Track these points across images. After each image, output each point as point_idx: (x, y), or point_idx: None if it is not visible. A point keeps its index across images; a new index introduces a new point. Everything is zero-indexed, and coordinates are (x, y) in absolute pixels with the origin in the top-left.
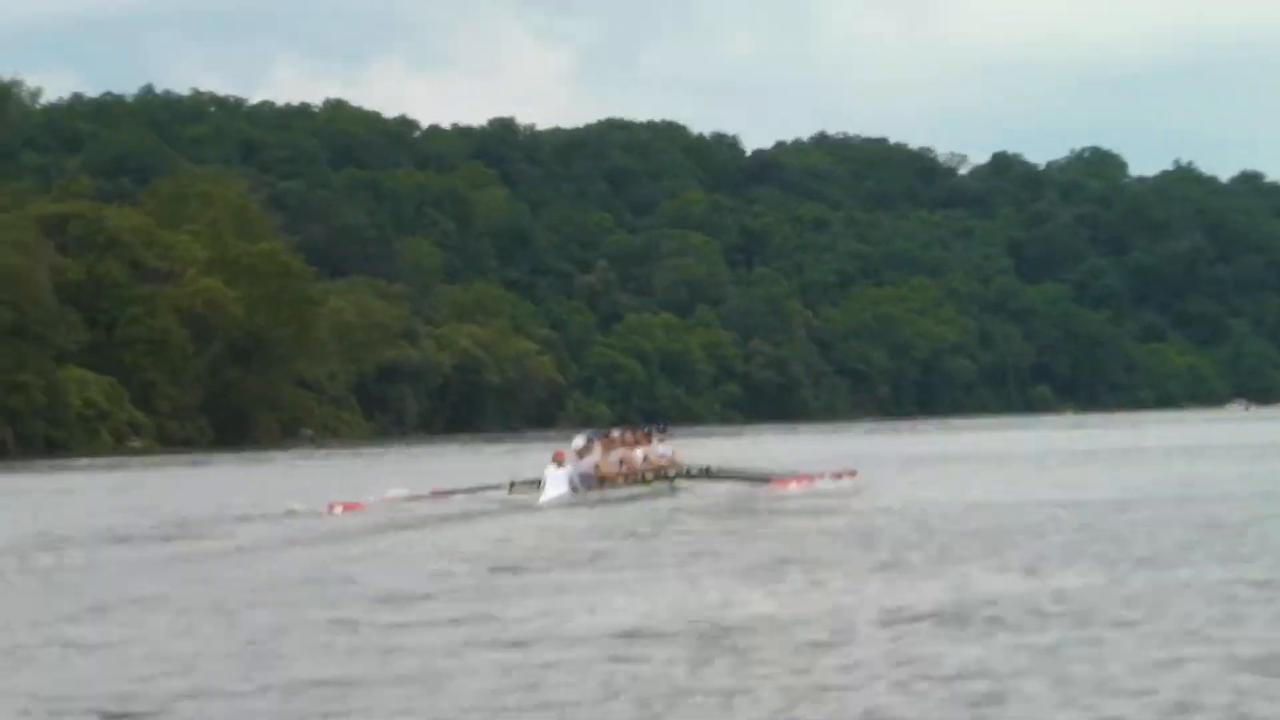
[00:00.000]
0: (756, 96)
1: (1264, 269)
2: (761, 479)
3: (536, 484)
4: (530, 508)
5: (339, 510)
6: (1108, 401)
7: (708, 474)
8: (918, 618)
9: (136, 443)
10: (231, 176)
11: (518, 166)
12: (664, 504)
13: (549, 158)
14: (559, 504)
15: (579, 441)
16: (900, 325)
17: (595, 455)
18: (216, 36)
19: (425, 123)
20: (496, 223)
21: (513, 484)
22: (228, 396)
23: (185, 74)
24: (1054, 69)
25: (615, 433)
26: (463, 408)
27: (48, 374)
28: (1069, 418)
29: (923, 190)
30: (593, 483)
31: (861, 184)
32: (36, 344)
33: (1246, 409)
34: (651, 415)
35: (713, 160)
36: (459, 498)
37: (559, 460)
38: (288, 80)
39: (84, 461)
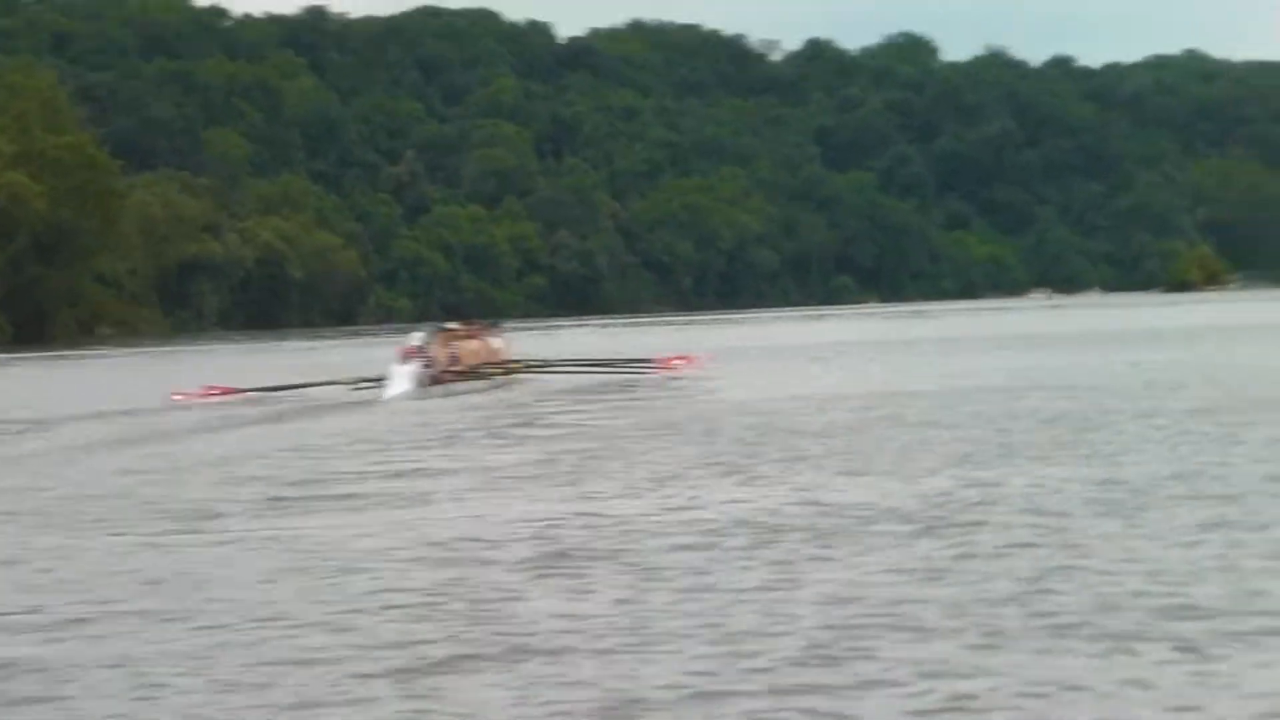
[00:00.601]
0: None
1: (1072, 153)
2: (602, 367)
3: (378, 380)
4: (375, 403)
5: (178, 399)
6: (910, 291)
7: (546, 366)
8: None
9: None
10: (41, 68)
11: (329, 55)
12: (507, 395)
13: (361, 46)
14: (405, 398)
15: (417, 337)
16: (707, 215)
17: (435, 350)
18: None
19: (237, 11)
20: (305, 113)
21: (356, 382)
22: (29, 292)
23: None
24: None
25: (451, 326)
26: (264, 303)
27: None
28: (871, 307)
29: (735, 77)
30: (435, 378)
31: (674, 71)
32: None
33: (1049, 298)
34: (453, 308)
35: (526, 47)
36: (309, 391)
37: (405, 356)
38: None
39: None
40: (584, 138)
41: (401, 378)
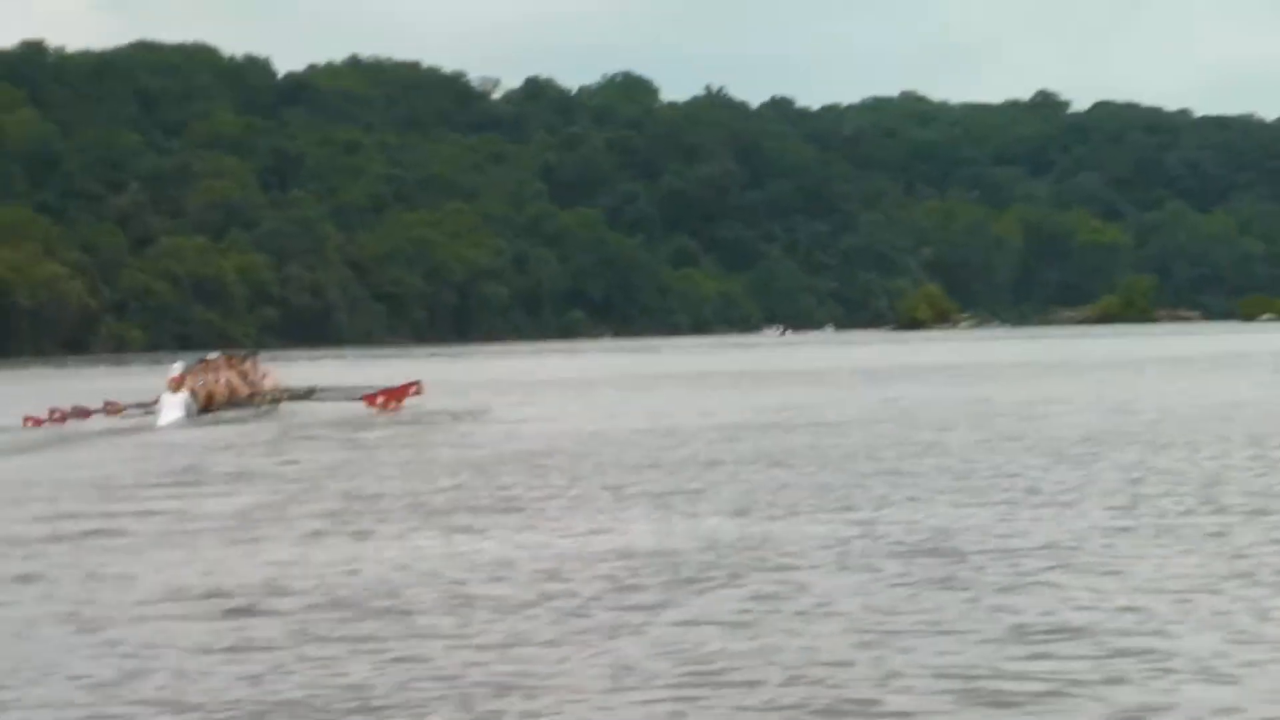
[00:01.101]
0: (288, 17)
1: (794, 194)
2: (357, 397)
3: (146, 407)
4: (149, 429)
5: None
6: (642, 326)
7: (310, 394)
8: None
9: None
10: None
11: (48, 89)
12: (271, 427)
13: (80, 79)
14: (177, 426)
15: (177, 368)
16: (435, 249)
17: (199, 379)
18: None
19: None
20: (27, 145)
21: (125, 407)
22: None
23: None
24: None
25: (212, 356)
26: None
27: None
28: (606, 342)
29: (456, 114)
30: (198, 407)
31: (394, 108)
32: None
33: (782, 334)
34: (185, 339)
35: (245, 82)
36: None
37: (173, 385)
38: None
39: None
40: (308, 171)
41: (173, 406)
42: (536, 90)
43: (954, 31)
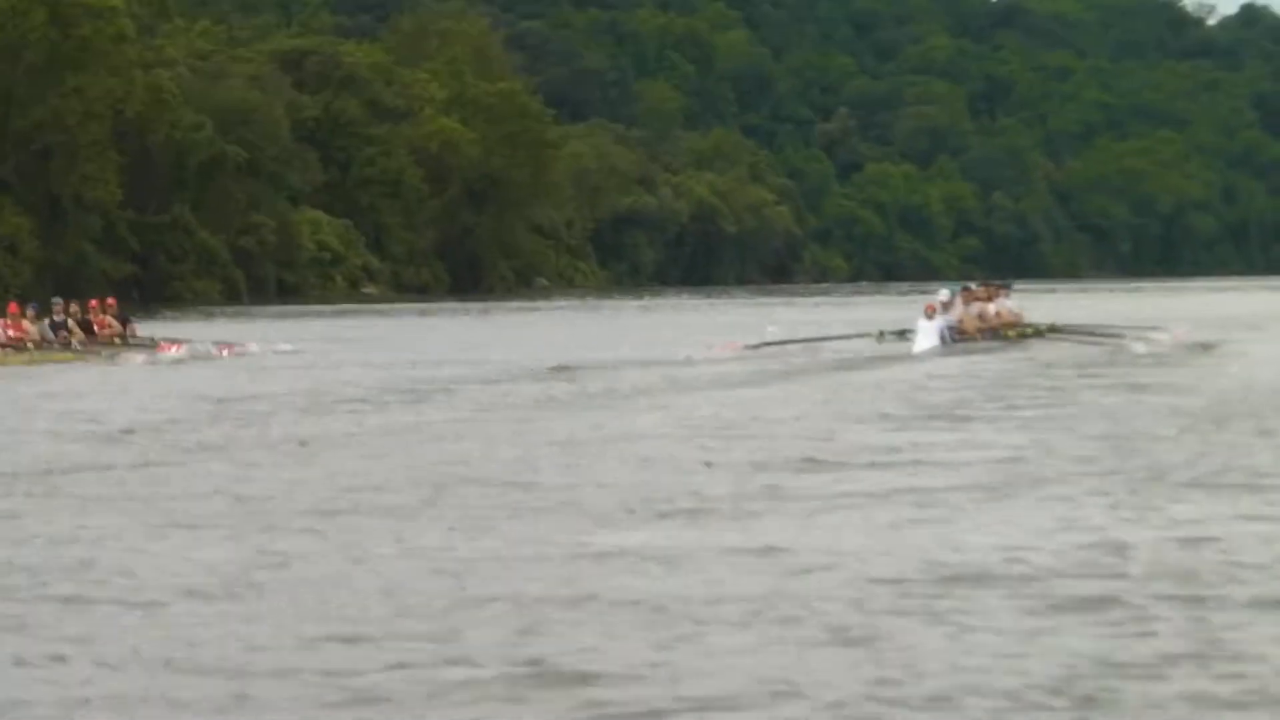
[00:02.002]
0: None
1: None
2: (1116, 335)
3: (902, 334)
4: (906, 357)
5: (718, 350)
6: None
7: (1055, 330)
8: None
9: (370, 288)
10: (473, 14)
11: (761, 8)
12: (1025, 356)
13: (793, 1)
14: (932, 354)
15: (944, 294)
16: (1143, 179)
17: (958, 309)
18: None
19: None
20: (737, 67)
21: (881, 334)
22: (463, 242)
23: None
24: None
25: (972, 286)
26: (698, 258)
27: (281, 215)
28: None
29: (1170, 40)
30: (958, 335)
31: (1109, 32)
32: (270, 183)
33: None
34: (888, 268)
35: (959, 5)
36: (832, 344)
37: (929, 313)
38: None
39: (322, 307)
40: (1017, 97)
41: (928, 333)
42: (1253, 17)
43: None
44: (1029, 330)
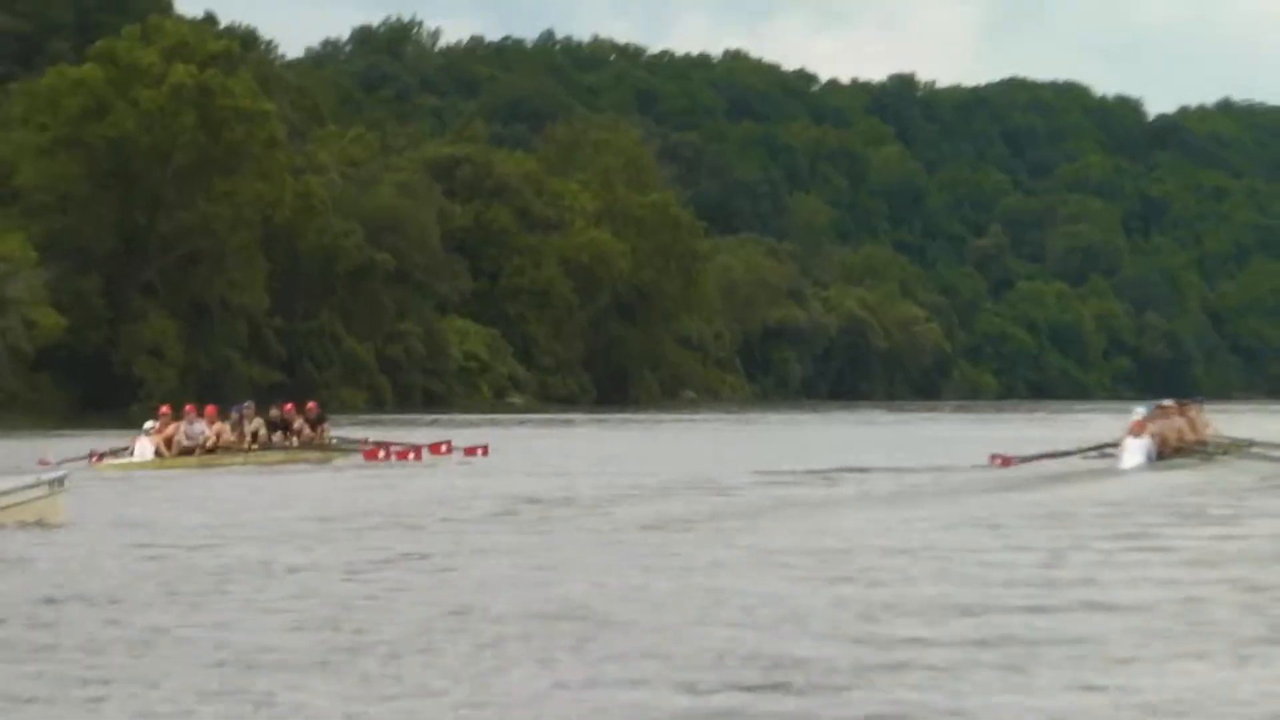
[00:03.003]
0: (1162, 61)
1: None
2: None
3: (1103, 449)
4: (1116, 472)
5: (997, 464)
6: None
7: (1250, 447)
8: None
9: (516, 398)
10: (626, 125)
11: (915, 124)
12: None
13: (947, 115)
14: (1140, 469)
15: (1139, 412)
16: None
17: (1157, 424)
18: None
19: (824, 77)
20: (890, 181)
21: (1085, 449)
22: (609, 353)
23: (588, 20)
24: None
25: (1166, 402)
26: (846, 373)
27: (429, 323)
28: None
29: None
30: (1162, 451)
31: (1265, 153)
32: (419, 292)
33: None
34: (1037, 386)
35: (1114, 124)
36: (1073, 459)
37: (1135, 430)
38: (691, 31)
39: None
40: (1171, 217)
41: (1136, 450)
42: None
43: None
44: (1230, 446)
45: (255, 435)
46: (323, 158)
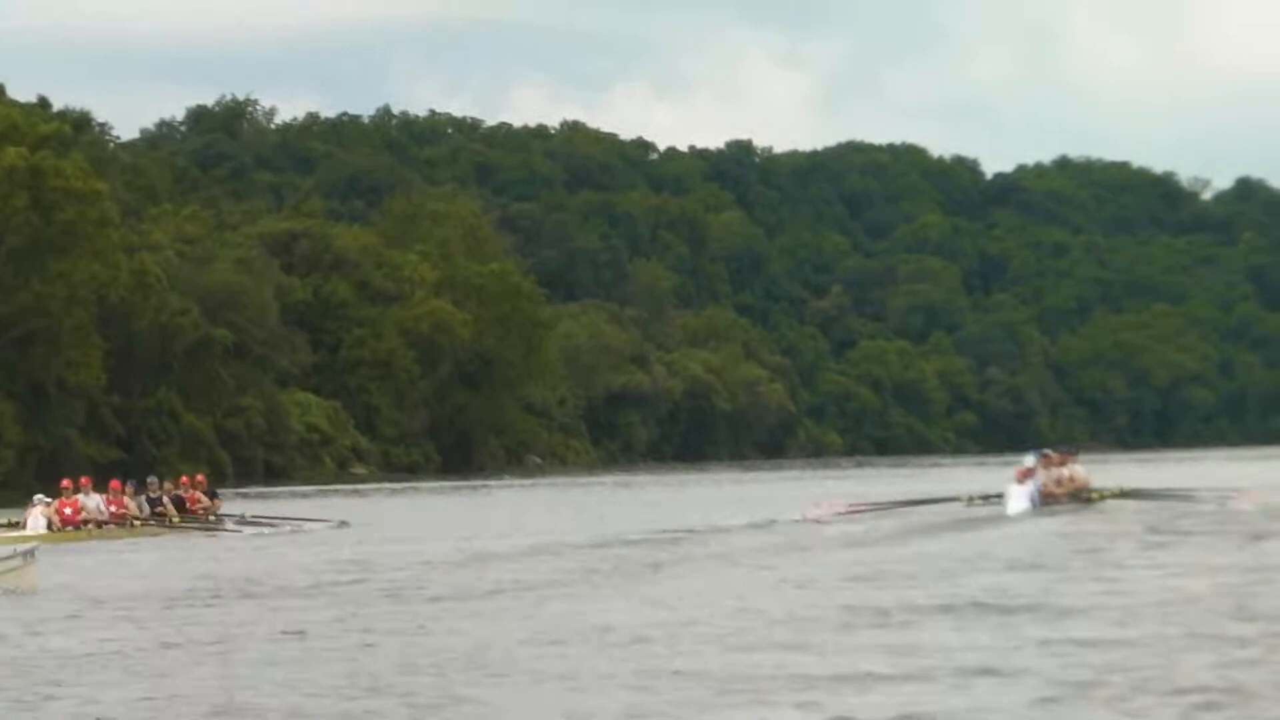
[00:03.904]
0: (998, 120)
1: None
2: (1187, 497)
3: (987, 499)
4: (1000, 519)
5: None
6: None
7: (1122, 494)
8: None
9: (360, 469)
10: (464, 197)
11: (754, 189)
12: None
13: (785, 180)
14: (1024, 516)
15: (1029, 460)
16: (1139, 353)
17: (1040, 474)
18: (457, 59)
19: (662, 145)
20: (730, 246)
21: (970, 498)
22: (453, 421)
23: (424, 96)
24: None
25: (1049, 452)
26: (692, 435)
27: (269, 397)
28: None
29: (1165, 215)
30: (1044, 499)
31: (1103, 208)
32: (258, 366)
33: None
34: (882, 443)
35: (951, 184)
36: (921, 509)
37: (1020, 477)
38: (528, 104)
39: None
40: (1012, 274)
41: (1019, 497)
42: (1247, 191)
43: None
44: (1108, 493)
45: (157, 508)
46: (157, 236)
